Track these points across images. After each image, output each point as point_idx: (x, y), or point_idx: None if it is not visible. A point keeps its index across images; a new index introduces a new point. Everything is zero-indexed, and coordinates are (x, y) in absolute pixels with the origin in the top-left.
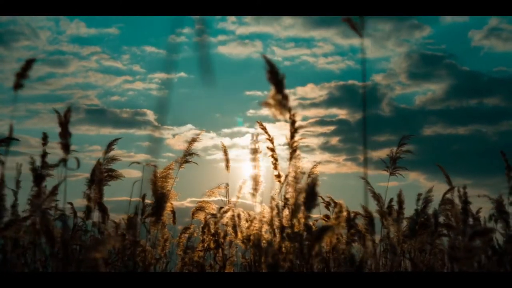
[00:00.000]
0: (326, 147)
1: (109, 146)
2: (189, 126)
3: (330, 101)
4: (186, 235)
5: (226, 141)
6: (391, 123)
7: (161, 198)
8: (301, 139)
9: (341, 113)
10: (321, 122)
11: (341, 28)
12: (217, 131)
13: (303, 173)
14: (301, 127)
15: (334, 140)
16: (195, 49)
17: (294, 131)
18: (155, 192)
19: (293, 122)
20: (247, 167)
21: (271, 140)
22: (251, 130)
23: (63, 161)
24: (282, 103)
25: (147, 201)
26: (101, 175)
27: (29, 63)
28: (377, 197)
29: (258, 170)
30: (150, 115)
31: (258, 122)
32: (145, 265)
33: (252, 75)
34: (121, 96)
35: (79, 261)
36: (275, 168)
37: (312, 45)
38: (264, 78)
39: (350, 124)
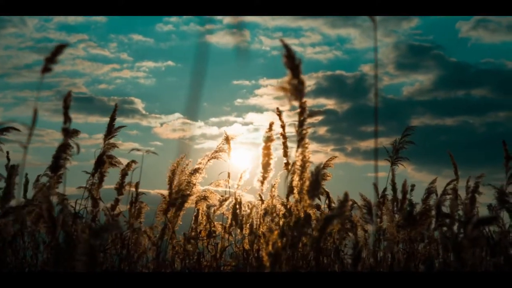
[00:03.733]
0: (313, 137)
1: (110, 133)
2: (177, 114)
3: (318, 91)
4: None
5: (214, 130)
6: (378, 114)
7: (185, 192)
8: (309, 127)
9: (329, 103)
10: (316, 111)
11: (329, 18)
12: (204, 120)
13: (311, 162)
14: (313, 114)
15: (322, 130)
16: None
17: (303, 119)
18: (187, 185)
19: (303, 110)
20: (237, 156)
21: (284, 127)
22: (239, 119)
23: (63, 146)
24: (298, 88)
25: (162, 191)
26: (108, 164)
27: (59, 48)
28: (376, 188)
29: (270, 158)
30: (138, 104)
31: (277, 108)
32: (139, 253)
33: (239, 65)
34: (109, 84)
35: (74, 247)
36: (285, 155)
37: (300, 34)
38: (251, 67)
39: (337, 114)
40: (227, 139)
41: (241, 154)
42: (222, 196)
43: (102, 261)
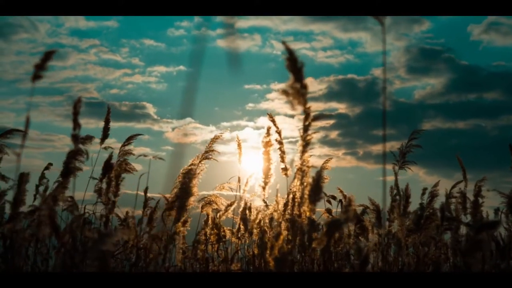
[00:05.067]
0: (325, 141)
1: (128, 140)
2: (189, 119)
3: (329, 95)
4: (186, 227)
5: (226, 135)
6: (390, 117)
7: (184, 193)
8: (314, 132)
9: (340, 107)
10: (320, 116)
11: (340, 22)
12: (216, 125)
13: (313, 166)
14: (317, 118)
15: (333, 134)
16: (224, 46)
17: (308, 124)
18: (181, 187)
19: (307, 115)
20: (249, 161)
21: (279, 133)
22: (250, 123)
23: (74, 152)
24: (300, 92)
25: (167, 195)
26: (120, 169)
27: (48, 55)
28: (391, 192)
29: (269, 163)
30: (150, 108)
31: (268, 114)
32: (149, 259)
33: (251, 69)
34: (120, 89)
35: (85, 253)
36: (283, 161)
37: (311, 38)
38: (262, 71)
39: (349, 118)
40: (239, 144)
41: (253, 158)
42: (228, 200)
43: (113, 266)
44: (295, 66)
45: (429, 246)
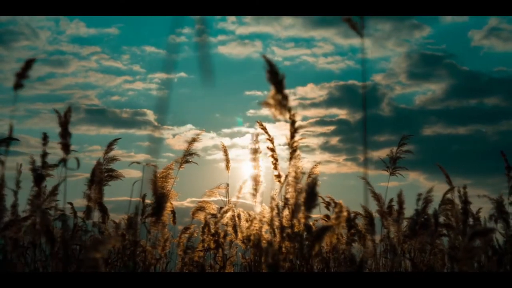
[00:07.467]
0: (326, 147)
1: (109, 146)
2: (189, 126)
3: (330, 101)
4: (186, 235)
5: (226, 141)
6: (391, 123)
7: (161, 198)
8: (301, 139)
9: (341, 113)
10: (321, 122)
11: (341, 28)
12: (217, 131)
13: (303, 173)
14: (301, 127)
15: (334, 140)
16: (195, 49)
17: (294, 131)
18: (156, 192)
19: (293, 122)
20: (247, 167)
21: (271, 140)
22: (251, 130)
23: (63, 161)
24: (282, 103)
25: (147, 201)
26: (101, 175)
27: (28, 63)
28: (377, 197)
29: (259, 170)
30: (150, 115)
31: (258, 122)
32: (146, 265)
33: (252, 75)
34: (121, 96)
35: (79, 261)
36: (275, 168)
37: (312, 45)
38: (263, 78)
39: (350, 124)
40: (225, 151)
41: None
42: (222, 207)
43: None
44: (276, 78)
45: (425, 252)
